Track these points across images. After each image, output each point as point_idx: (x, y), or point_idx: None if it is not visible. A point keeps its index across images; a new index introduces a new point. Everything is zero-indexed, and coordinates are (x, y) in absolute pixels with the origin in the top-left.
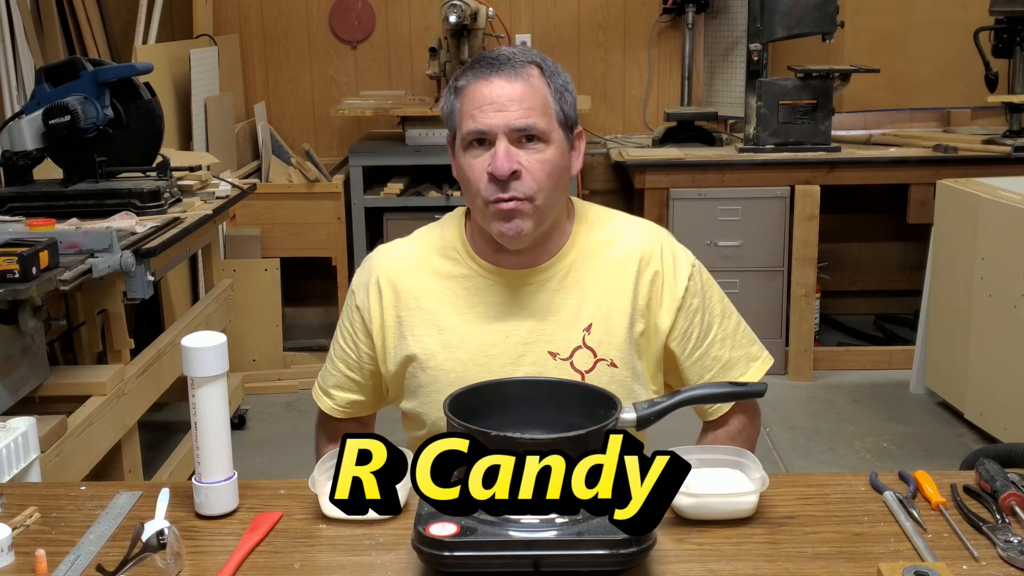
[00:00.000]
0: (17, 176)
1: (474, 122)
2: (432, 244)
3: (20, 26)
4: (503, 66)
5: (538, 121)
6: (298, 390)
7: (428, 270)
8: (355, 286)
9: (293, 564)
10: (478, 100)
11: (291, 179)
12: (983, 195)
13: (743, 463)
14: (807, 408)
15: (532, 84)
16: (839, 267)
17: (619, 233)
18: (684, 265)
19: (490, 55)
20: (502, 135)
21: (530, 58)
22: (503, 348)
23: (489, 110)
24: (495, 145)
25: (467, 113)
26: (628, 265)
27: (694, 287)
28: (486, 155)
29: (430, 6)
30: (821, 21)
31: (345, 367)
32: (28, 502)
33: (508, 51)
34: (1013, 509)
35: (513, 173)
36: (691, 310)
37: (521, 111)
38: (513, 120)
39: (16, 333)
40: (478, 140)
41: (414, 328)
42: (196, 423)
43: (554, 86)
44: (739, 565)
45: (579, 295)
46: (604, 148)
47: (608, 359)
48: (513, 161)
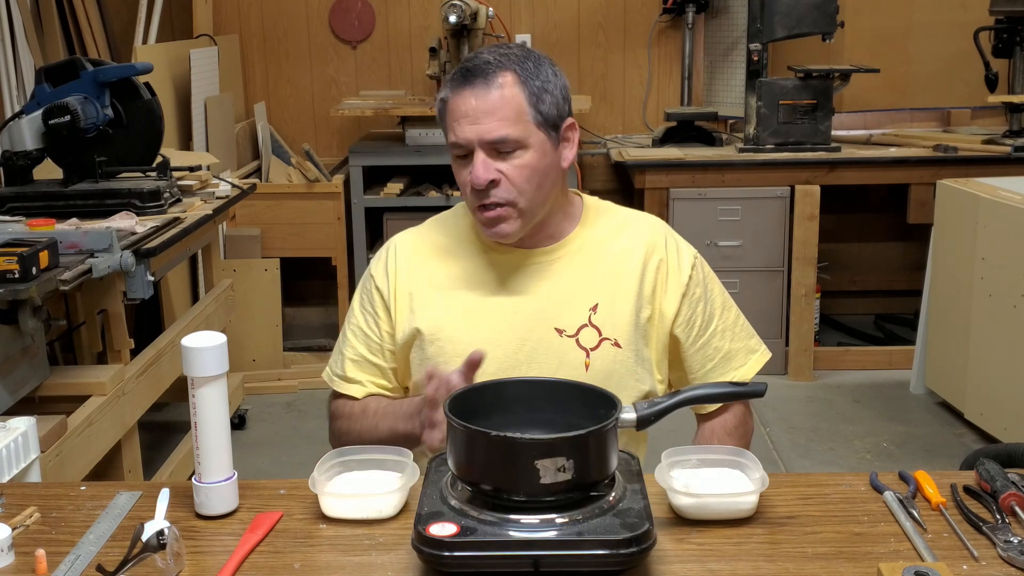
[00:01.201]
0: (17, 176)
1: (453, 135)
2: (445, 228)
3: (20, 26)
4: (476, 78)
5: (510, 131)
6: (298, 390)
7: (440, 250)
8: (371, 270)
9: (293, 564)
10: (456, 113)
11: (291, 179)
12: (983, 195)
13: (743, 463)
14: (807, 408)
15: (503, 95)
16: (839, 267)
17: (625, 223)
18: (687, 256)
19: (468, 63)
20: (478, 147)
21: (506, 64)
22: (511, 323)
23: (464, 123)
24: (474, 156)
25: (449, 125)
26: (634, 253)
27: (697, 276)
28: (469, 164)
29: (430, 6)
30: (821, 21)
31: (367, 350)
32: (28, 502)
33: (485, 57)
34: (1013, 509)
35: (492, 182)
36: (694, 299)
37: (493, 123)
38: (485, 133)
39: (16, 333)
40: (460, 151)
41: (424, 303)
42: (196, 423)
43: (529, 90)
44: (739, 565)
45: (586, 276)
46: (604, 148)
47: (613, 339)
48: (490, 171)
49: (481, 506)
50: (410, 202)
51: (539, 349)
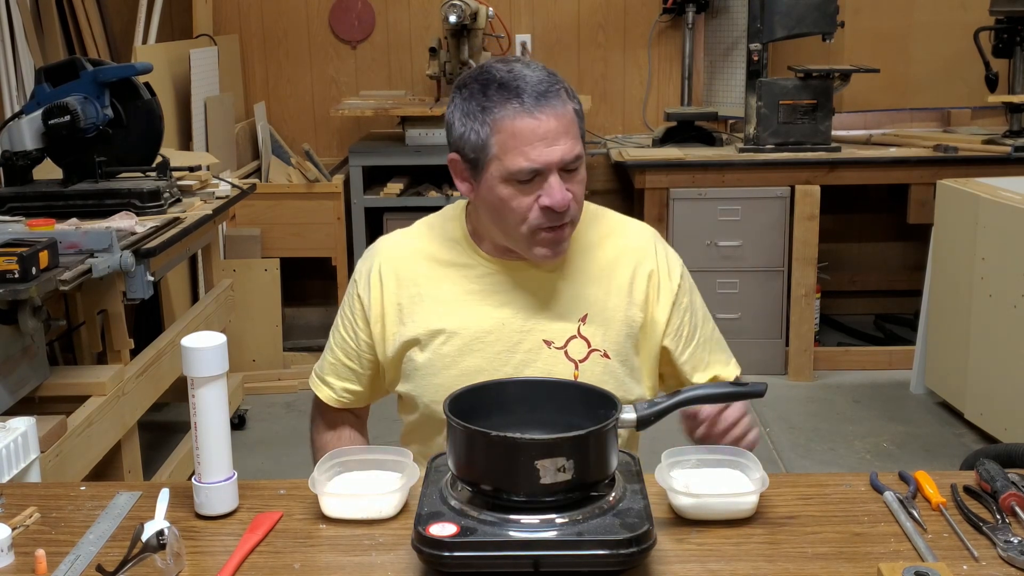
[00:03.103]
0: (17, 176)
1: (527, 160)
2: (434, 234)
3: (20, 26)
4: (542, 97)
5: (580, 148)
6: (298, 390)
7: (429, 258)
8: (357, 275)
9: (293, 564)
10: (527, 136)
11: (291, 179)
12: (983, 195)
13: (743, 463)
14: (807, 408)
15: (568, 112)
16: (839, 267)
17: (613, 231)
18: (676, 265)
19: (514, 79)
20: (556, 170)
21: (557, 82)
22: (499, 335)
23: (541, 146)
24: (548, 179)
25: (513, 149)
26: (624, 262)
27: (685, 286)
28: (533, 186)
29: (430, 6)
30: (821, 21)
31: (344, 356)
32: (28, 502)
33: (532, 74)
34: (1013, 509)
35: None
36: (682, 308)
37: (568, 143)
38: (566, 154)
39: (16, 333)
40: (529, 176)
41: (414, 314)
42: (196, 423)
43: (576, 108)
44: (739, 565)
45: (575, 287)
46: (604, 148)
47: (602, 350)
48: (567, 193)
49: (481, 506)
50: (410, 202)
51: (527, 360)
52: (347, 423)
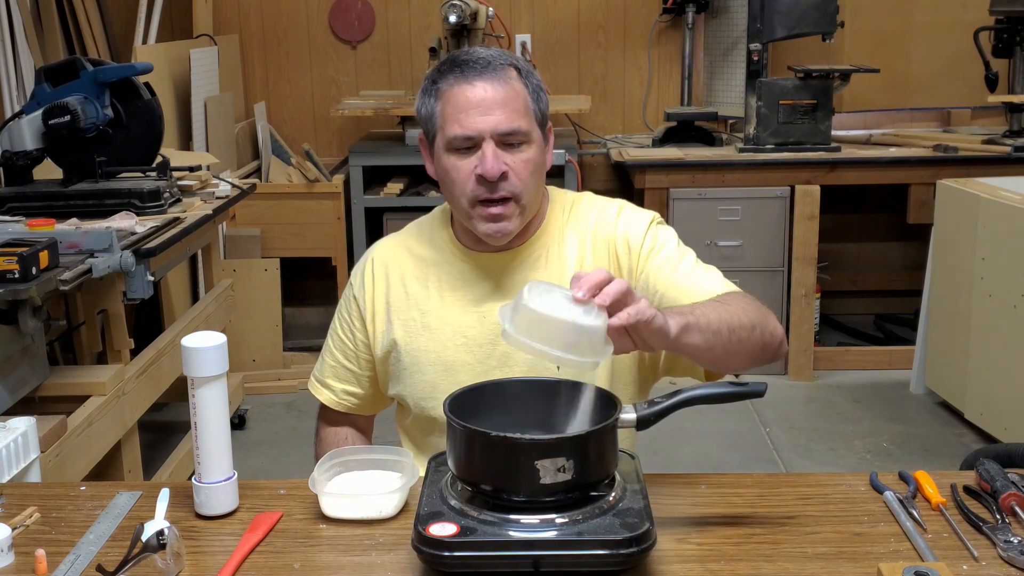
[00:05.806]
0: (17, 176)
1: (461, 127)
2: (421, 234)
3: (20, 26)
4: (484, 69)
5: (522, 123)
6: (298, 390)
7: (415, 257)
8: (353, 276)
9: (293, 564)
10: (462, 104)
11: (291, 179)
12: (983, 195)
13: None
14: (807, 408)
15: (513, 87)
16: (839, 267)
17: (586, 215)
18: (641, 225)
19: (465, 56)
20: (489, 138)
21: (507, 60)
22: (480, 329)
23: (475, 114)
24: (482, 148)
25: (451, 117)
26: (600, 242)
27: (652, 242)
28: (472, 157)
29: (430, 6)
30: (821, 21)
31: (343, 357)
32: (28, 502)
33: (484, 52)
34: (1013, 509)
35: (501, 174)
36: (655, 251)
37: (506, 115)
38: (499, 124)
39: (16, 333)
40: (465, 143)
41: (399, 312)
42: (196, 423)
43: (531, 87)
44: (739, 565)
45: (553, 275)
46: (604, 148)
47: None
48: (500, 163)
49: (481, 506)
50: (410, 202)
51: (509, 353)
52: (351, 438)
